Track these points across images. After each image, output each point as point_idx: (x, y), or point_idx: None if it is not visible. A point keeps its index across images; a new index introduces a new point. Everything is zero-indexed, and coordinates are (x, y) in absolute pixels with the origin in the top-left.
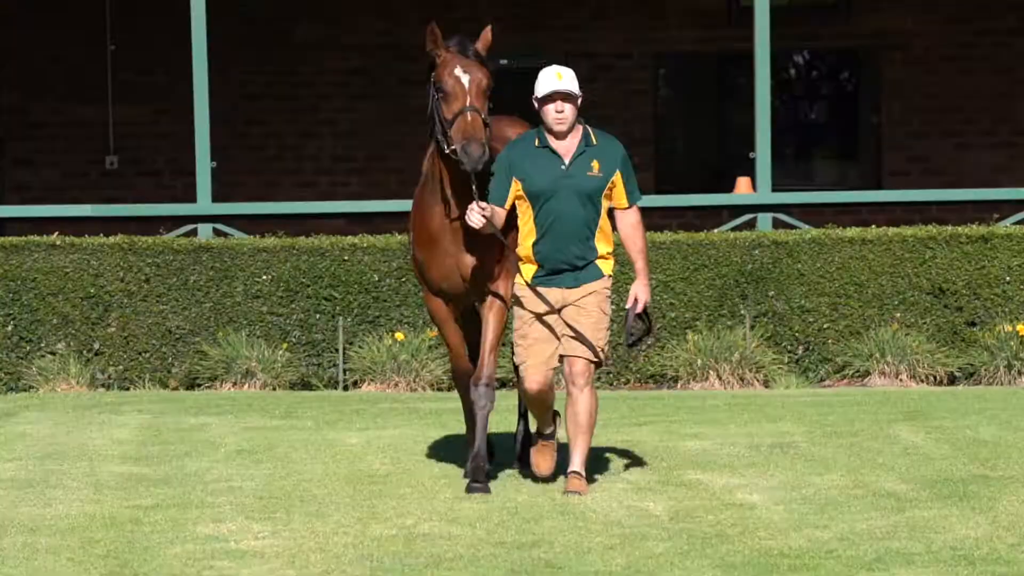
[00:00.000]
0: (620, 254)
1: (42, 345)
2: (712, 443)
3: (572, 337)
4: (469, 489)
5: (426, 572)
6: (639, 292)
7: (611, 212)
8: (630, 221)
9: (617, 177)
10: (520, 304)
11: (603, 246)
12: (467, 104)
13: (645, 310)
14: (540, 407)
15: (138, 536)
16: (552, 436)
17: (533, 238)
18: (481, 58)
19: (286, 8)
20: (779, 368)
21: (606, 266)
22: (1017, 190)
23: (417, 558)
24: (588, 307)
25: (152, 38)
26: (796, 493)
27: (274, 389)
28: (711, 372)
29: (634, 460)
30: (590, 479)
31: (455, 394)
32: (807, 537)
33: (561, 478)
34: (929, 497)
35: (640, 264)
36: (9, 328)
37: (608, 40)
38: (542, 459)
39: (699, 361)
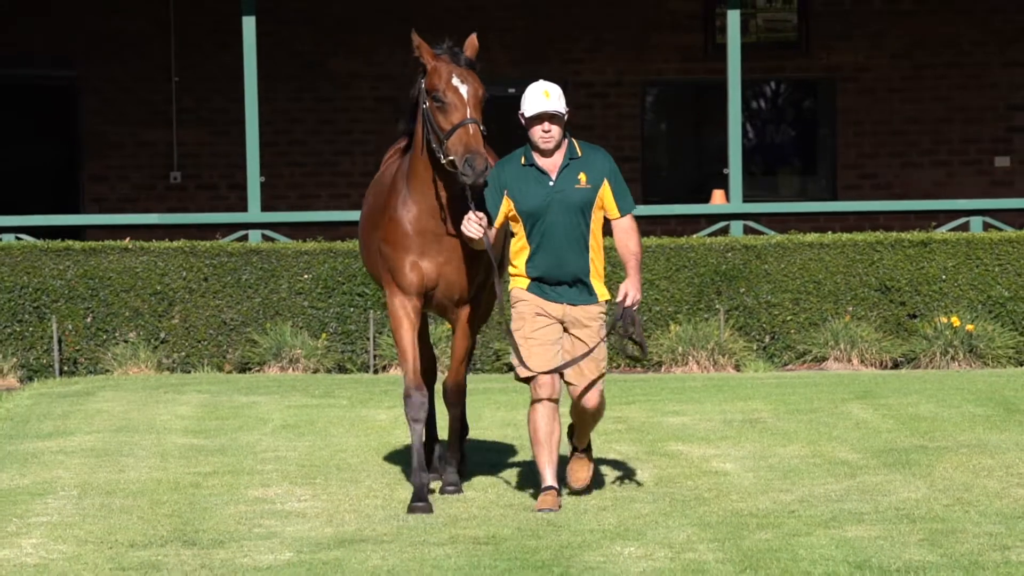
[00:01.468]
0: (612, 257)
1: (116, 334)
2: (691, 419)
3: (576, 365)
4: (411, 510)
5: (444, 529)
6: (629, 289)
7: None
8: (623, 226)
9: (605, 187)
10: (519, 312)
11: (598, 259)
12: (467, 116)
13: (636, 338)
14: (547, 422)
15: (198, 498)
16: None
17: (527, 254)
18: (474, 66)
19: (324, 44)
20: (748, 354)
21: (601, 288)
22: (952, 201)
23: (437, 517)
24: (588, 337)
25: (210, 72)
26: (763, 462)
27: (314, 372)
28: (690, 358)
29: (624, 434)
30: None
31: (474, 376)
32: (772, 499)
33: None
34: (877, 465)
35: (632, 264)
36: (89, 320)
37: (602, 71)
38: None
39: (680, 348)
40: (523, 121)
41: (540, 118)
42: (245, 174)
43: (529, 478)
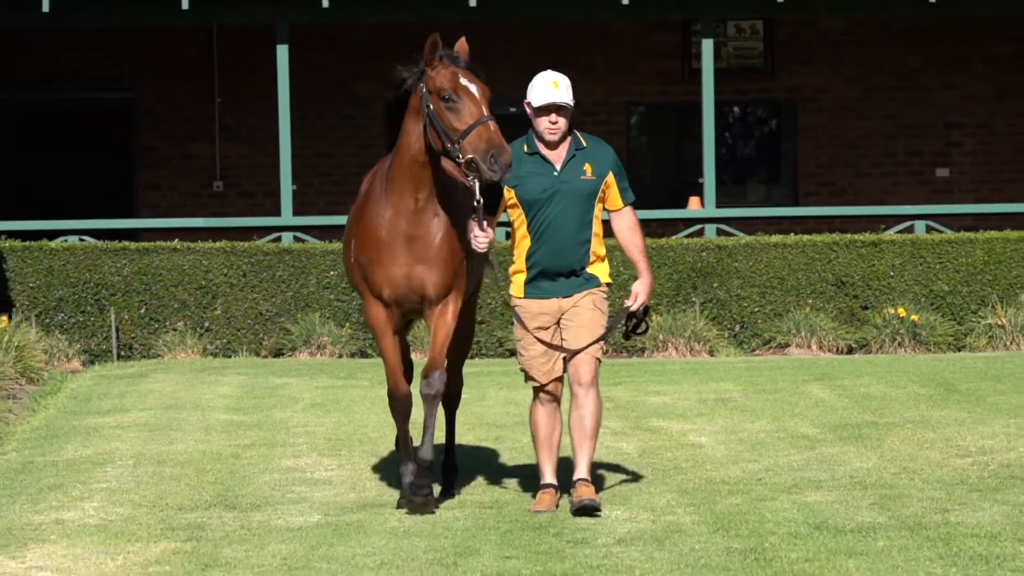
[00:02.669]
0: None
1: (167, 324)
2: (670, 398)
3: (570, 348)
4: (402, 506)
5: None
6: (640, 291)
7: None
8: (627, 223)
9: (610, 178)
10: (519, 321)
11: (598, 249)
12: (485, 114)
13: (646, 310)
14: (548, 421)
15: (237, 467)
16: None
17: (528, 245)
18: (475, 68)
19: (348, 69)
20: (721, 341)
21: (602, 272)
22: (899, 207)
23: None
24: (583, 305)
25: (248, 93)
26: (733, 436)
27: (340, 357)
28: (669, 344)
29: (611, 412)
30: None
31: (479, 360)
32: (742, 469)
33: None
34: (833, 438)
35: (643, 264)
36: (142, 311)
37: (592, 92)
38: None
39: (660, 336)
40: (529, 111)
41: (548, 109)
42: (279, 183)
43: (528, 450)
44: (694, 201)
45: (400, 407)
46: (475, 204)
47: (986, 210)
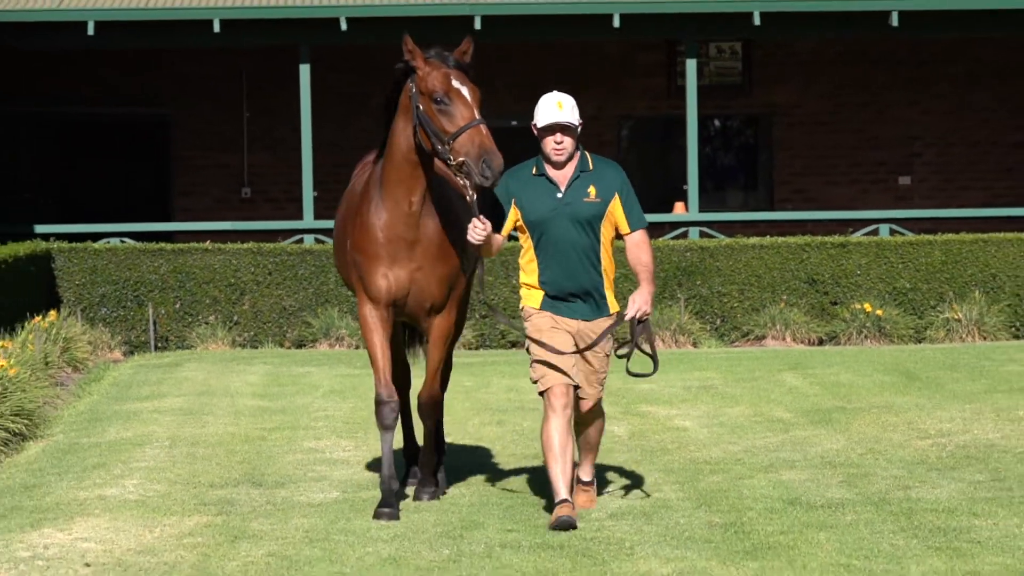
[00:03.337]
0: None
1: (199, 317)
2: (657, 386)
3: (580, 379)
4: (376, 515)
5: (458, 475)
6: (640, 300)
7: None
8: (635, 240)
9: (615, 202)
10: (535, 325)
11: (609, 272)
12: (476, 116)
13: (652, 346)
14: (561, 435)
15: (263, 448)
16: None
17: (537, 267)
18: (465, 68)
19: (364, 86)
20: (703, 334)
21: (613, 300)
22: (865, 212)
23: (449, 466)
24: (602, 347)
25: (273, 108)
26: (715, 420)
27: (356, 348)
28: (656, 337)
29: (604, 399)
30: None
31: (483, 351)
32: (722, 450)
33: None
34: (805, 422)
35: (644, 276)
36: (177, 306)
37: (585, 107)
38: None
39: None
40: (535, 131)
41: (552, 129)
42: (301, 190)
43: (528, 432)
44: (679, 206)
45: (386, 418)
46: (468, 200)
47: (944, 215)
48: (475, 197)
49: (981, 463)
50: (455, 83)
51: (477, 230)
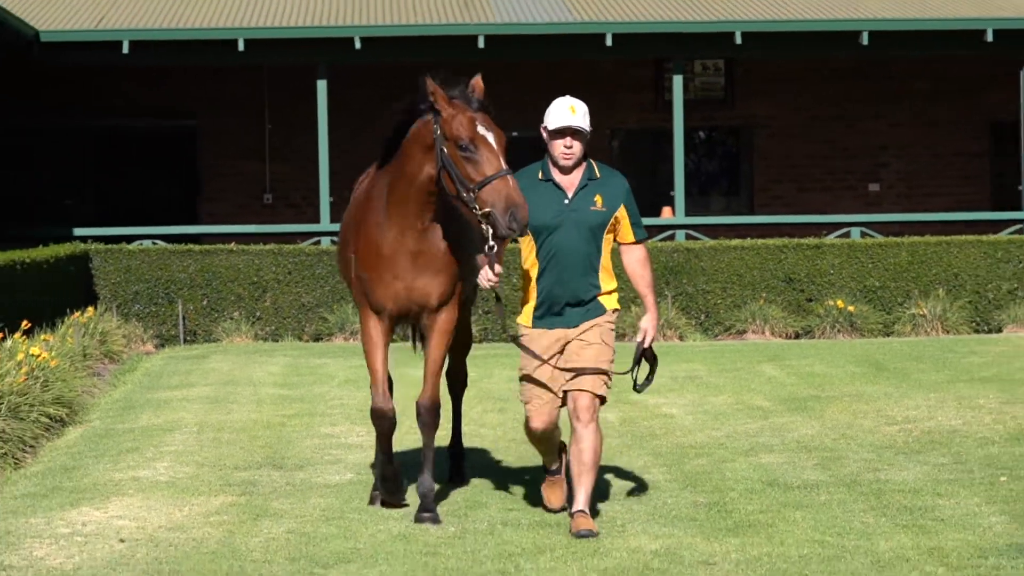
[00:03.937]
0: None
1: (225, 313)
2: None
3: (575, 373)
4: (373, 501)
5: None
6: (648, 326)
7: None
8: (637, 256)
9: (621, 211)
10: (525, 350)
11: (607, 282)
12: (502, 167)
13: (652, 352)
14: (546, 445)
15: (284, 434)
16: (559, 472)
17: (536, 272)
18: (488, 109)
19: (377, 100)
20: (689, 328)
21: (610, 301)
22: (838, 216)
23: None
24: (590, 339)
25: (293, 120)
26: (700, 408)
27: None
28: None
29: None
30: None
31: (486, 344)
32: (706, 435)
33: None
34: (783, 409)
35: (650, 299)
36: (204, 303)
37: None
38: (552, 493)
39: (639, 324)
40: (545, 134)
41: (563, 132)
42: (319, 195)
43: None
44: (667, 211)
45: (383, 428)
46: (487, 248)
47: (910, 219)
48: (495, 248)
49: (944, 447)
50: (480, 129)
51: (490, 280)
